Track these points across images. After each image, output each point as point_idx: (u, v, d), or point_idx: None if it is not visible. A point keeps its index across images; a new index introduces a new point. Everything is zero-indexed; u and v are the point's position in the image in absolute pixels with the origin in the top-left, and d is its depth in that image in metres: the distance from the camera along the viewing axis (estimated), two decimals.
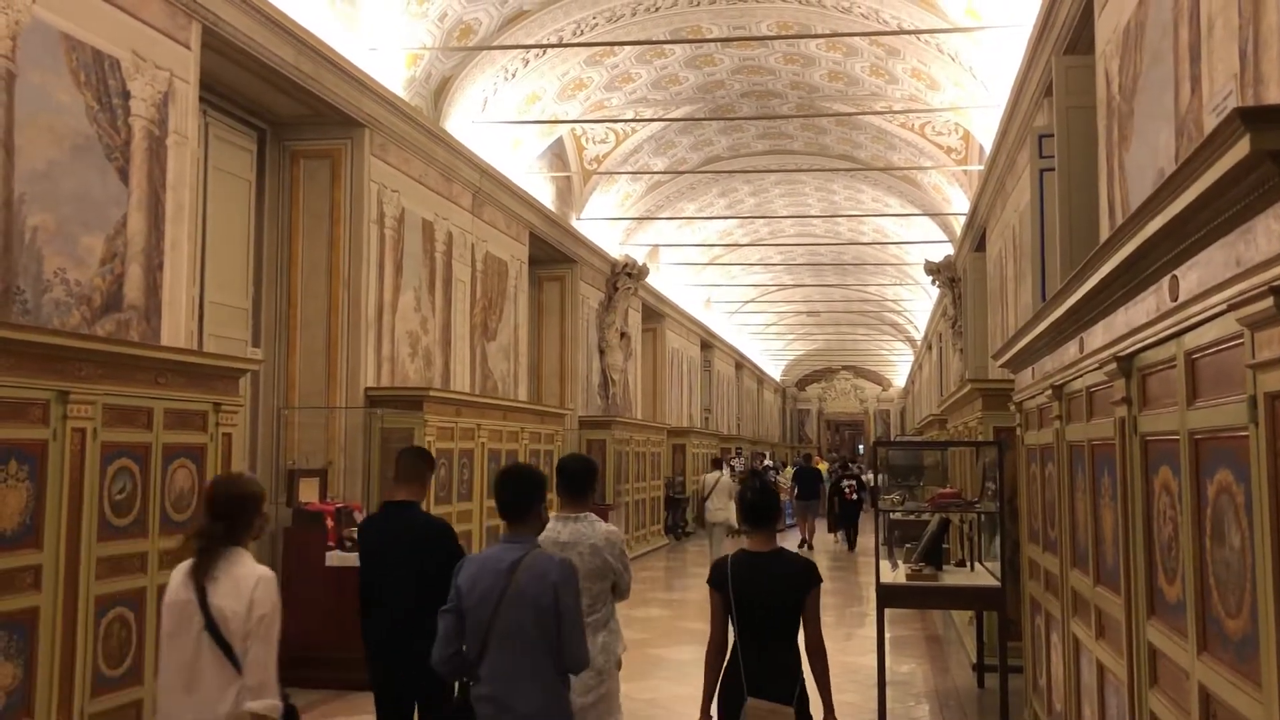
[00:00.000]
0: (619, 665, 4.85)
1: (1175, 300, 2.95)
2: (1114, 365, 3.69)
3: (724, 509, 16.17)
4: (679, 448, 23.46)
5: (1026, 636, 6.83)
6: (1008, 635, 7.46)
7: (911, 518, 11.89)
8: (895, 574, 7.97)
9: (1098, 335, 4.05)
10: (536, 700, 3.78)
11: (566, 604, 3.79)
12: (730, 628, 4.31)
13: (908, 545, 8.89)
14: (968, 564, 9.01)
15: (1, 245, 6.14)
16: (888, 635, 7.62)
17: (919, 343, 34.12)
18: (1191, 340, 2.89)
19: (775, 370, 48.85)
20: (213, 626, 3.60)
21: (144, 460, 6.51)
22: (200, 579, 3.65)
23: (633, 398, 21.66)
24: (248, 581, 3.70)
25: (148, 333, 7.30)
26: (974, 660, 9.04)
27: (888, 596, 7.59)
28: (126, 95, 7.18)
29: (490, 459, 11.99)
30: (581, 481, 4.89)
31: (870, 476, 21.41)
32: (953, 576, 8.22)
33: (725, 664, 4.28)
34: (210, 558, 3.68)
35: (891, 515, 10.78)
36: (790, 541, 12.22)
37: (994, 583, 7.72)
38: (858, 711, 7.85)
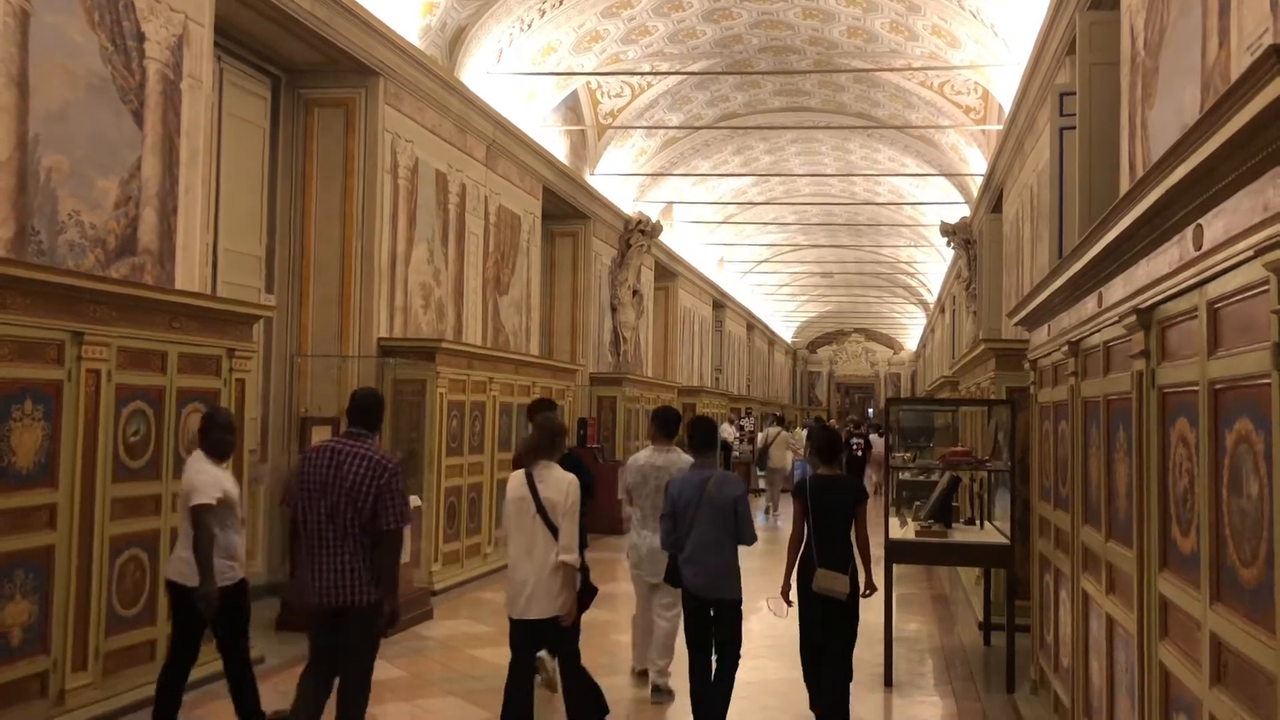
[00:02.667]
0: None
1: (1199, 249, 2.92)
2: (1133, 318, 3.66)
3: (782, 458, 18.85)
4: (689, 406, 23.46)
5: (1035, 594, 6.85)
6: (1015, 594, 7.48)
7: (920, 479, 11.92)
8: (904, 531, 7.98)
9: (1117, 289, 4.01)
10: (718, 561, 5.92)
11: (741, 506, 5.97)
12: (806, 525, 6.23)
13: (916, 503, 8.90)
14: (977, 522, 9.02)
15: (17, 185, 6.13)
16: (894, 595, 7.64)
17: (931, 306, 34.00)
18: (1214, 289, 2.86)
19: (786, 332, 48.76)
20: (543, 511, 5.42)
21: (158, 403, 6.54)
22: (532, 482, 5.48)
23: (644, 356, 21.65)
24: (561, 482, 5.51)
25: (162, 277, 7.30)
26: (980, 619, 9.08)
27: (896, 552, 7.61)
28: (141, 37, 7.13)
29: (501, 412, 12.02)
30: (672, 426, 7.16)
31: (877, 438, 21.62)
32: (962, 534, 8.24)
33: (801, 549, 6.25)
34: (536, 469, 5.53)
35: (901, 476, 10.81)
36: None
37: (1003, 540, 7.73)
38: (864, 666, 7.87)
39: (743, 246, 29.27)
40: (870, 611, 8.60)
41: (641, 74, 15.70)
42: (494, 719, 5.87)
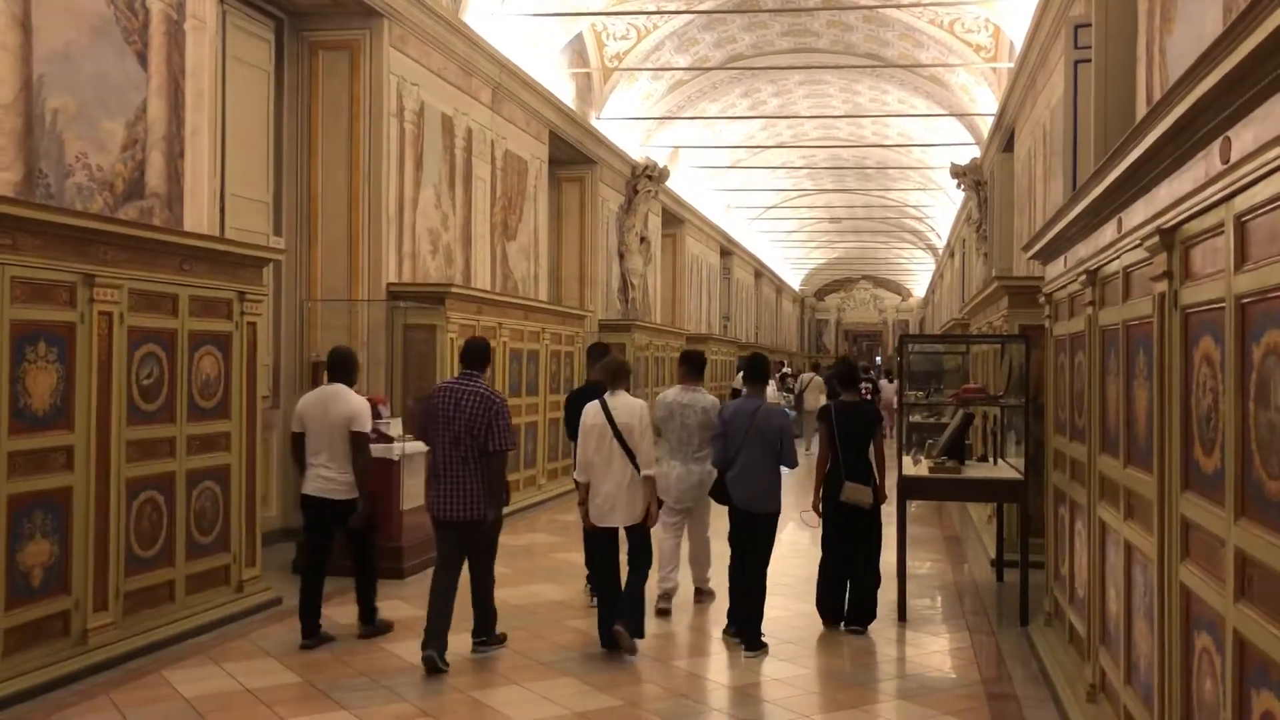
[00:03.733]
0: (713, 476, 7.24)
1: (1227, 162, 2.87)
2: (1156, 239, 3.61)
3: (816, 400, 19.56)
4: (698, 353, 23.45)
5: (1049, 528, 6.86)
6: (1028, 531, 7.50)
7: (931, 420, 11.90)
8: (918, 468, 7.99)
9: (1138, 212, 3.96)
10: (764, 480, 6.77)
11: (786, 435, 6.86)
12: (833, 446, 7.14)
13: (929, 441, 8.89)
14: (990, 459, 9.02)
15: (23, 127, 6.08)
16: (907, 533, 7.67)
17: (940, 251, 33.83)
18: (1242, 202, 2.81)
19: (794, 279, 48.62)
20: (618, 435, 6.37)
21: (170, 346, 6.54)
22: (607, 409, 6.44)
23: (652, 303, 21.61)
24: (633, 407, 6.49)
25: (170, 221, 7.27)
26: (993, 556, 9.12)
27: (910, 488, 7.62)
28: None
29: (511, 358, 12.02)
30: (699, 367, 7.75)
31: (887, 383, 21.74)
32: (975, 470, 8.24)
33: (829, 467, 7.15)
34: (609, 398, 6.52)
35: (912, 418, 10.80)
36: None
37: (1017, 475, 7.73)
38: (878, 604, 7.94)
39: (750, 192, 29.08)
40: (883, 551, 8.68)
41: (649, 13, 15.49)
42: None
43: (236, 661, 6.16)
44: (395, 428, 8.77)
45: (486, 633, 6.46)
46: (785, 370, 27.86)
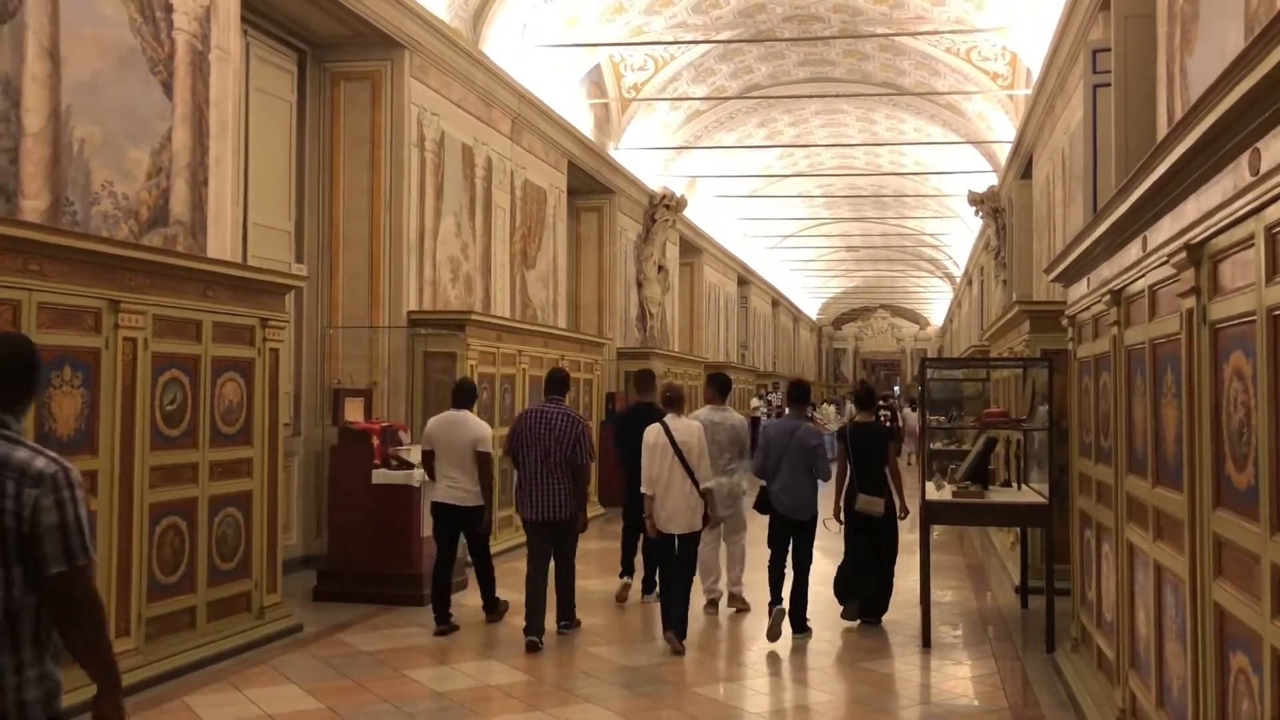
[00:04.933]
0: (744, 493, 8.35)
1: (1256, 174, 2.85)
2: (1183, 255, 3.59)
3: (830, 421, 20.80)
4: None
5: (1075, 552, 6.79)
6: (1053, 558, 7.42)
7: (953, 448, 11.82)
8: (941, 493, 7.93)
9: (1164, 229, 3.95)
10: (803, 491, 7.60)
11: (819, 451, 7.62)
12: (849, 462, 8.01)
13: (951, 466, 8.84)
14: (1013, 484, 8.95)
15: (51, 156, 6.15)
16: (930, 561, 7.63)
17: (958, 279, 33.75)
18: (1273, 213, 2.80)
19: (812, 308, 48.58)
20: (679, 453, 7.10)
21: (193, 372, 6.57)
22: (668, 430, 7.16)
23: (670, 331, 21.62)
24: (691, 427, 7.26)
25: (194, 248, 7.33)
26: (1017, 583, 9.03)
27: (934, 513, 7.56)
28: (169, 8, 7.13)
29: (532, 385, 12.02)
30: (725, 389, 8.44)
31: (910, 411, 21.73)
32: (999, 495, 8.18)
33: (846, 482, 8.01)
34: (672, 417, 7.28)
35: (933, 445, 10.74)
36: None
37: (1041, 499, 7.66)
38: (901, 628, 7.87)
39: (767, 221, 29.12)
40: (906, 577, 8.64)
41: (666, 44, 15.60)
42: (530, 679, 6.49)
43: (259, 688, 6.14)
44: (415, 454, 8.78)
45: (569, 617, 7.64)
46: (770, 396, 28.26)
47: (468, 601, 8.38)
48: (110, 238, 6.37)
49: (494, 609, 7.95)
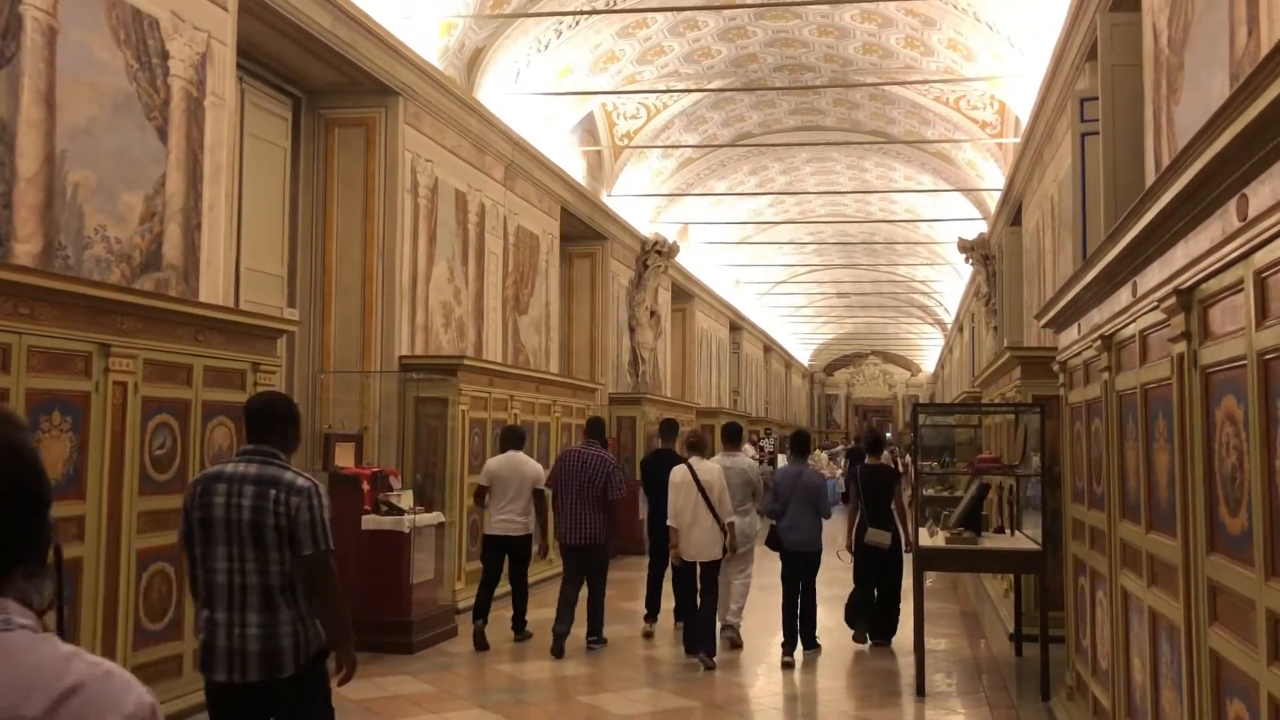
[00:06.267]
0: (756, 533, 9.15)
1: (1244, 219, 2.88)
2: (1173, 300, 3.61)
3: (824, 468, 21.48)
4: (708, 428, 23.38)
5: (1069, 599, 6.75)
6: (1048, 605, 7.38)
7: (945, 494, 11.79)
8: (934, 539, 7.90)
9: (1153, 274, 3.97)
10: (808, 528, 8.50)
11: (822, 491, 8.69)
12: (859, 501, 8.97)
13: (944, 512, 8.81)
14: (1006, 530, 8.92)
15: (44, 200, 6.16)
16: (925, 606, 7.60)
17: (949, 325, 33.88)
18: (1262, 258, 2.81)
19: (803, 354, 48.66)
20: (702, 491, 7.99)
21: (183, 416, 6.54)
22: (692, 470, 8.08)
23: (662, 376, 21.62)
24: (714, 469, 8.23)
25: (186, 293, 7.32)
26: (1011, 630, 8.97)
27: (927, 559, 7.53)
28: (165, 55, 7.19)
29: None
30: (738, 436, 9.39)
31: (904, 457, 21.56)
32: (992, 541, 8.15)
33: (857, 517, 8.94)
34: (696, 459, 8.24)
35: (925, 492, 10.71)
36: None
37: (1034, 546, 7.63)
38: (894, 678, 7.81)
39: (759, 267, 29.26)
40: (901, 625, 8.59)
41: (658, 92, 15.75)
42: None
43: None
44: (406, 500, 8.73)
45: (597, 633, 8.69)
46: (762, 443, 28.17)
47: (456, 649, 8.30)
48: (102, 281, 6.36)
49: (521, 630, 8.92)
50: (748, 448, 22.60)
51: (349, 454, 8.99)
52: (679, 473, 8.18)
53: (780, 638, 8.51)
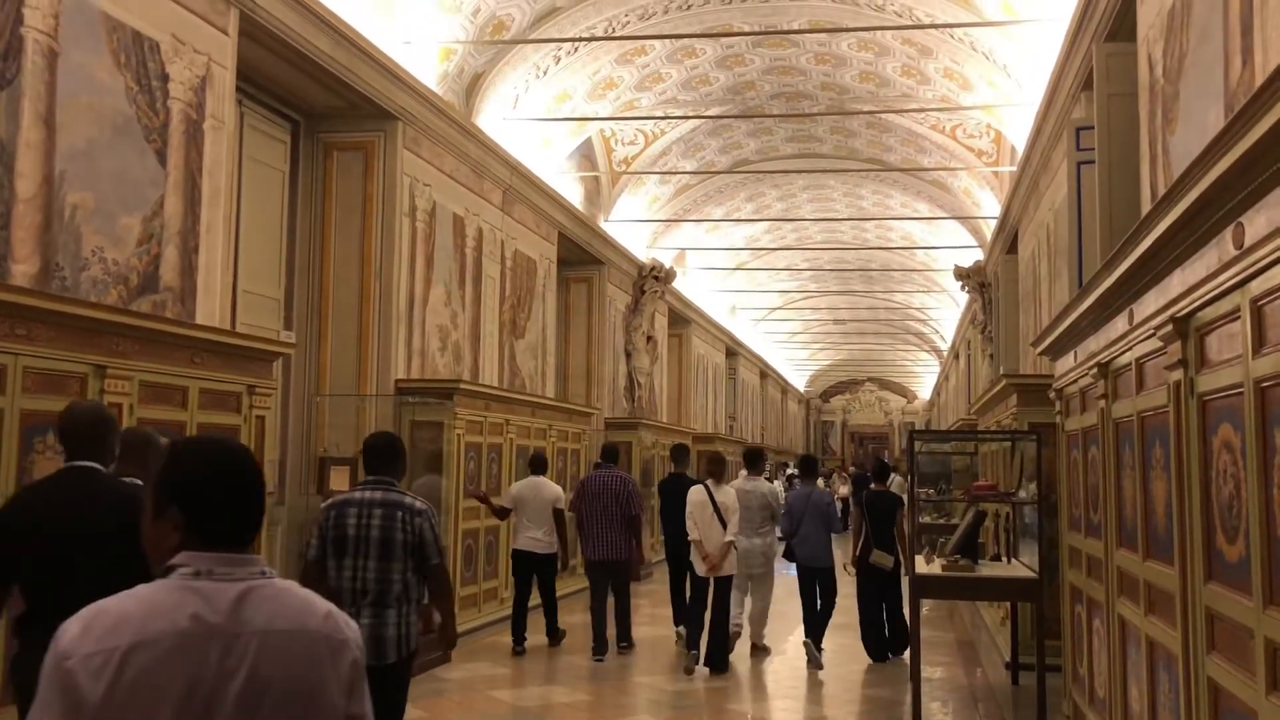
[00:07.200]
0: (775, 555, 9.84)
1: (1240, 248, 2.89)
2: (1169, 328, 3.62)
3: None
4: (703, 454, 23.32)
5: (1066, 628, 6.73)
6: (1044, 633, 7.36)
7: (941, 521, 11.76)
8: (930, 567, 7.87)
9: (1149, 302, 3.98)
10: (819, 543, 9.47)
11: (832, 509, 9.64)
12: (864, 523, 9.55)
13: (941, 540, 8.80)
14: (1003, 558, 8.90)
15: (42, 222, 6.17)
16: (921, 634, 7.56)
17: (945, 353, 33.92)
18: (1258, 286, 2.82)
19: (799, 381, 48.67)
20: (717, 509, 8.76)
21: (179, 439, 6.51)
22: (710, 492, 8.87)
23: (658, 402, 21.60)
24: (729, 492, 8.97)
25: (183, 315, 7.31)
26: (1007, 659, 8.93)
27: (923, 587, 7.50)
28: (165, 78, 7.21)
29: (518, 455, 11.96)
30: (758, 461, 10.11)
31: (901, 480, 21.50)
32: (989, 569, 8.12)
33: (860, 540, 9.53)
34: (713, 481, 9.05)
35: (921, 519, 10.70)
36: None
37: (1031, 574, 7.61)
38: (891, 707, 7.77)
39: (755, 294, 29.31)
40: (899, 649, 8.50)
41: (656, 119, 15.83)
42: None
43: None
44: None
45: (627, 638, 9.62)
46: (791, 472, 27.79)
47: (450, 675, 8.25)
48: (98, 303, 6.36)
49: (554, 636, 9.83)
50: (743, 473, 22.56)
51: (344, 478, 8.95)
52: (697, 493, 8.98)
53: (798, 636, 9.54)
